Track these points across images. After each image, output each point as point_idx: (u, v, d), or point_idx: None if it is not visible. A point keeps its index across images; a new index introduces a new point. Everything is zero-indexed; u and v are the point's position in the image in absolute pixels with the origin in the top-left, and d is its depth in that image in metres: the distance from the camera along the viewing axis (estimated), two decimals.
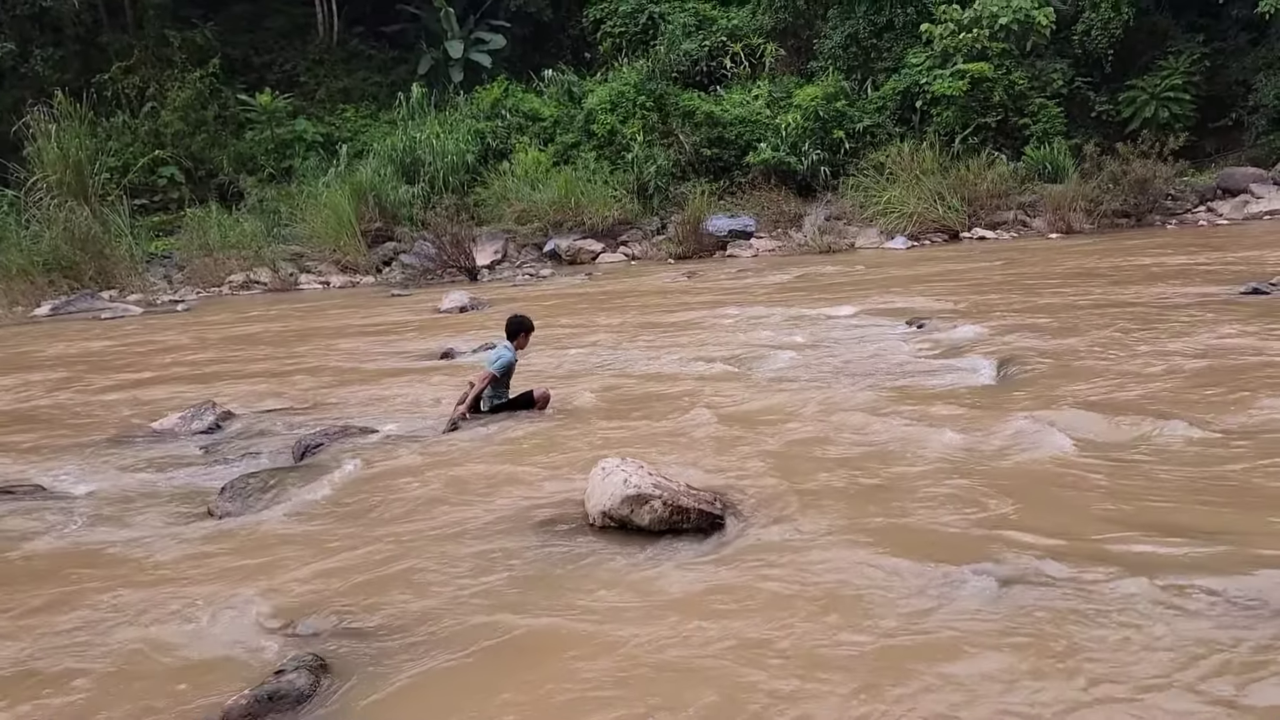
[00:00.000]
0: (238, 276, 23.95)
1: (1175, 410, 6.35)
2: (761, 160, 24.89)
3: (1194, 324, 9.47)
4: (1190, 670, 3.19)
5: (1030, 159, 23.55)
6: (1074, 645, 3.40)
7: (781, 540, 4.61)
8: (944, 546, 4.35)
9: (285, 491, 6.00)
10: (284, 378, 10.67)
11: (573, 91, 28.21)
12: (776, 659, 3.48)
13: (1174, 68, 23.89)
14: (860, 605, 3.85)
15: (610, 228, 24.66)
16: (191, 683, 3.66)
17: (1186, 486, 4.96)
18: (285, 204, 26.21)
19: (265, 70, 30.82)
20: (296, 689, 3.47)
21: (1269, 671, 3.14)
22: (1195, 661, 3.24)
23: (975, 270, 16.35)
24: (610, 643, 3.70)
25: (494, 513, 5.31)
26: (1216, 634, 3.41)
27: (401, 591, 4.33)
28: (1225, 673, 3.17)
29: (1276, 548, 4.08)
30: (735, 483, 5.45)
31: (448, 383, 9.66)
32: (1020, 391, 7.37)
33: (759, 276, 18.34)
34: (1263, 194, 22.11)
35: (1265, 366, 7.47)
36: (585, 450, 6.45)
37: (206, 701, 3.48)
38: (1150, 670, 3.21)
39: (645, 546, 4.65)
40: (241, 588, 4.48)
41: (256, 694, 3.43)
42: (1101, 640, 3.42)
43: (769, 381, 8.50)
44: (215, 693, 3.53)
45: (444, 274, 22.80)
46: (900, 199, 23.05)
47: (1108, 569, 3.98)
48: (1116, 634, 3.46)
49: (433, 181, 26.16)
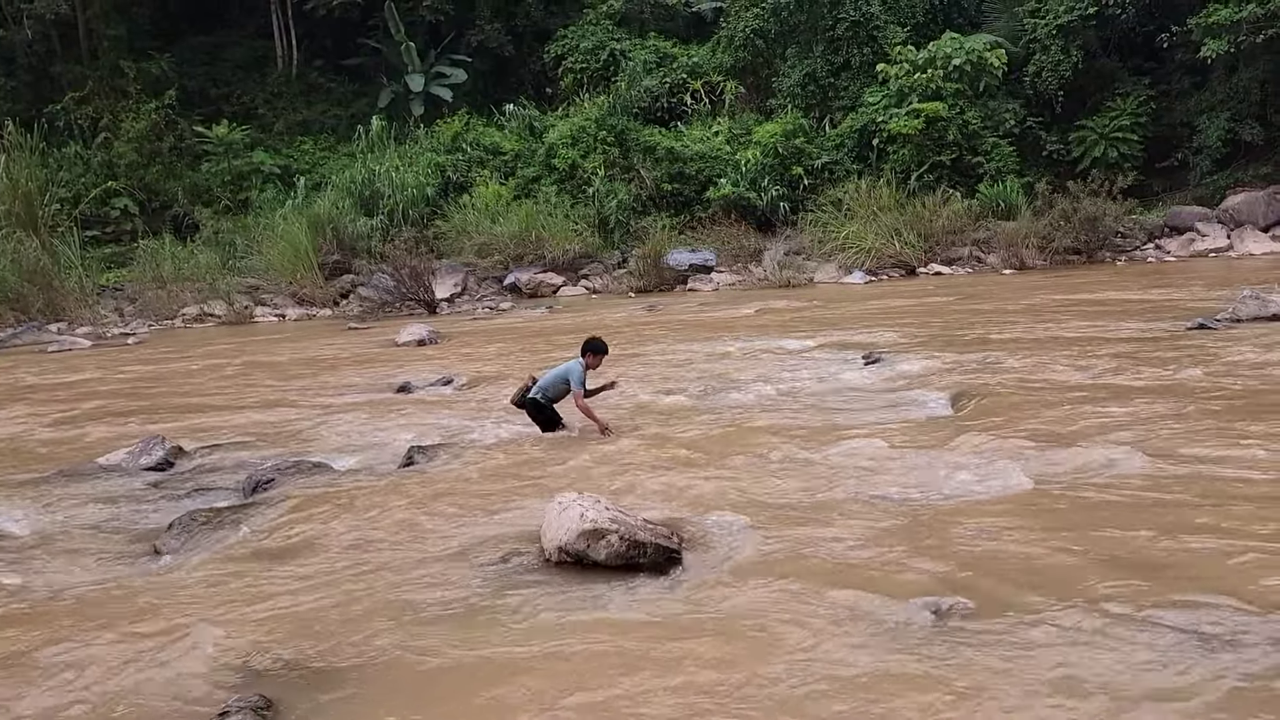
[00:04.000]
0: (191, 309, 23.63)
1: (1124, 442, 6.43)
2: (722, 195, 25.12)
3: (1143, 358, 9.64)
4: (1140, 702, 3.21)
5: (984, 196, 23.97)
6: (1027, 680, 3.40)
7: (737, 577, 4.58)
8: (896, 581, 4.36)
9: (235, 528, 5.88)
10: (236, 412, 10.50)
11: (534, 126, 28.35)
12: (729, 700, 3.44)
13: (1122, 109, 24.52)
14: (811, 642, 3.82)
15: (571, 261, 24.69)
16: None
17: (1134, 519, 5.01)
18: (241, 236, 25.97)
19: (223, 102, 30.66)
20: None
21: (1219, 703, 3.16)
22: (1145, 694, 3.26)
23: (931, 305, 16.55)
24: (563, 683, 3.64)
25: (448, 549, 5.24)
26: (1170, 665, 3.43)
27: (352, 630, 4.24)
28: (1177, 701, 3.18)
29: (1224, 580, 4.12)
30: (692, 516, 5.43)
31: (403, 416, 9.57)
32: (973, 425, 7.43)
33: (719, 310, 18.42)
34: (1208, 232, 22.66)
35: (1213, 400, 7.60)
36: (544, 484, 6.39)
37: None
38: (1098, 700, 3.22)
39: (601, 583, 4.60)
40: (188, 627, 4.36)
41: None
42: (1052, 669, 3.43)
43: (728, 414, 8.50)
44: None
45: (402, 307, 22.66)
46: (858, 235, 23.34)
47: (1056, 600, 4.00)
48: (1066, 664, 3.46)
49: (392, 214, 26.08)
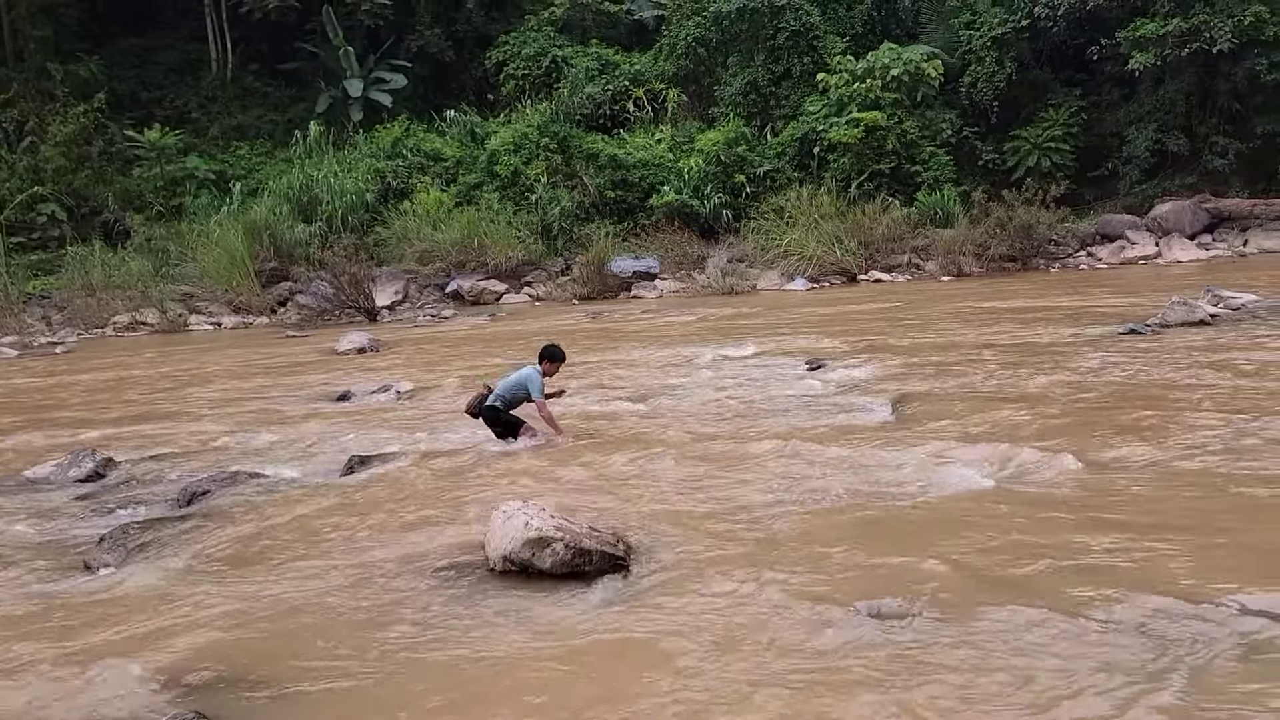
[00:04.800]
0: (123, 317, 23.05)
1: (1059, 444, 6.55)
2: (665, 203, 25.19)
3: (1076, 362, 9.85)
4: (1080, 698, 3.25)
5: (922, 205, 24.37)
6: (969, 678, 3.43)
7: (683, 582, 4.57)
8: (841, 583, 4.38)
9: (169, 541, 5.73)
10: (170, 422, 10.26)
11: (475, 132, 28.17)
12: (674, 706, 3.43)
13: (1054, 119, 25.10)
14: (758, 646, 3.82)
15: (514, 268, 24.56)
16: None
17: (1071, 517, 5.10)
18: (175, 243, 25.39)
19: (154, 106, 29.99)
20: None
21: (1157, 699, 3.21)
22: (1084, 690, 3.30)
23: (871, 311, 16.76)
24: (507, 694, 3.59)
25: (388, 559, 5.15)
26: (1112, 660, 3.48)
27: (289, 643, 4.15)
28: (1118, 696, 3.23)
29: (1159, 577, 4.21)
30: (638, 523, 5.40)
31: (344, 425, 9.42)
32: (913, 428, 7.53)
33: (663, 317, 18.46)
34: (1137, 240, 23.28)
35: (1142, 402, 7.79)
36: (488, 492, 6.33)
37: None
38: (1043, 698, 3.26)
39: (547, 591, 4.56)
40: (121, 643, 4.25)
41: None
42: (995, 669, 3.47)
43: (673, 421, 8.51)
44: None
45: (342, 315, 22.35)
46: (800, 242, 23.56)
47: (998, 600, 4.05)
48: (1008, 663, 3.50)
49: (330, 221, 25.71)
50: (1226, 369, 8.89)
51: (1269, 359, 9.21)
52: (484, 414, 7.98)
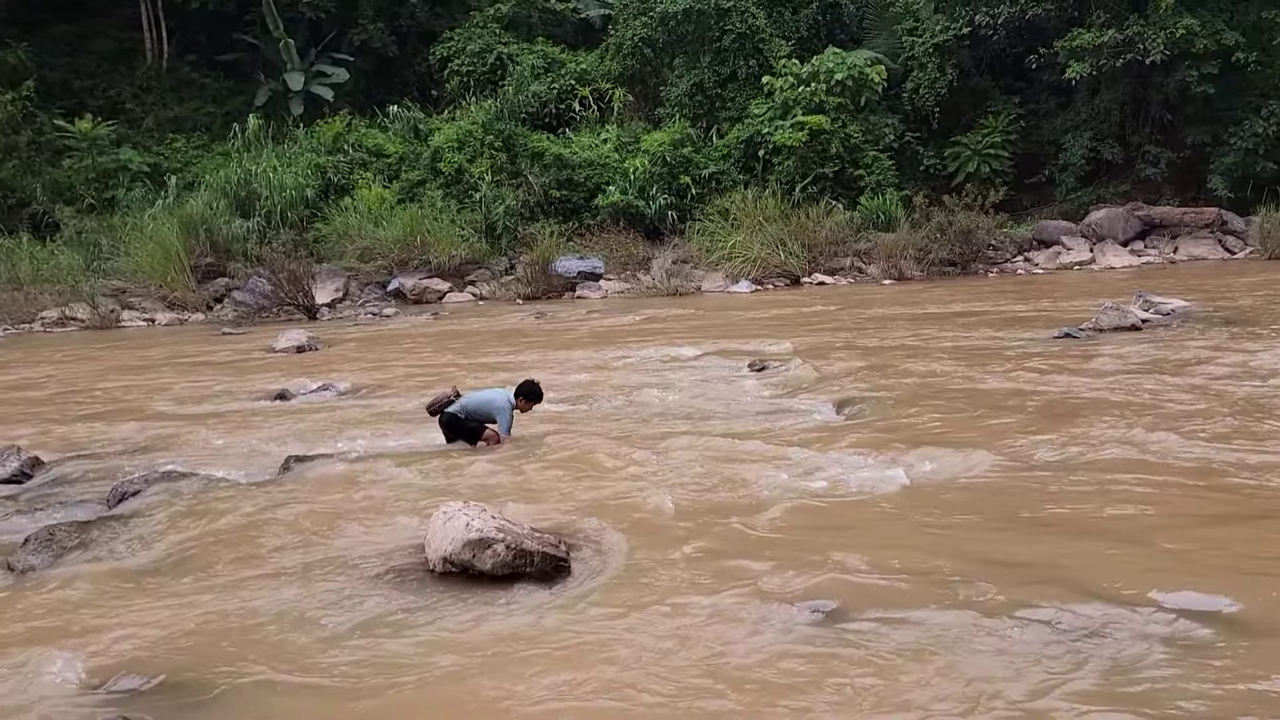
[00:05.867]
0: (52, 312, 22.38)
1: (995, 445, 6.66)
2: (610, 203, 25.15)
3: (1012, 366, 10.03)
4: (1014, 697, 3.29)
5: (865, 209, 24.65)
6: (905, 677, 3.46)
7: (624, 582, 4.56)
8: (782, 584, 4.40)
9: (97, 542, 5.58)
10: (100, 420, 9.99)
11: (418, 129, 27.84)
12: (612, 704, 3.40)
13: (993, 126, 25.56)
14: (699, 647, 3.82)
15: (457, 267, 24.32)
16: None
17: (1003, 519, 5.18)
18: (107, 236, 24.68)
19: (86, 95, 29.14)
20: None
21: (1091, 698, 3.27)
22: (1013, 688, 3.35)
23: (815, 314, 16.91)
24: (443, 696, 3.55)
25: (325, 561, 5.06)
26: (1044, 661, 3.53)
27: (221, 647, 4.05)
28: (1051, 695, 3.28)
29: (1094, 577, 4.29)
30: (580, 524, 5.38)
31: (281, 424, 9.24)
32: (856, 430, 7.60)
33: (607, 318, 18.43)
34: (1073, 246, 23.82)
35: (1072, 405, 7.96)
36: (428, 493, 6.25)
37: None
38: (977, 697, 3.30)
39: (487, 593, 4.51)
40: (48, 648, 4.13)
41: None
42: (931, 670, 3.50)
43: (616, 422, 8.49)
44: None
45: (280, 312, 21.94)
46: (744, 244, 23.68)
47: (939, 601, 4.09)
48: (944, 663, 3.54)
49: (269, 216, 25.21)
50: (1155, 373, 9.12)
51: (1195, 363, 9.46)
52: (445, 420, 7.84)
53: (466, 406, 7.80)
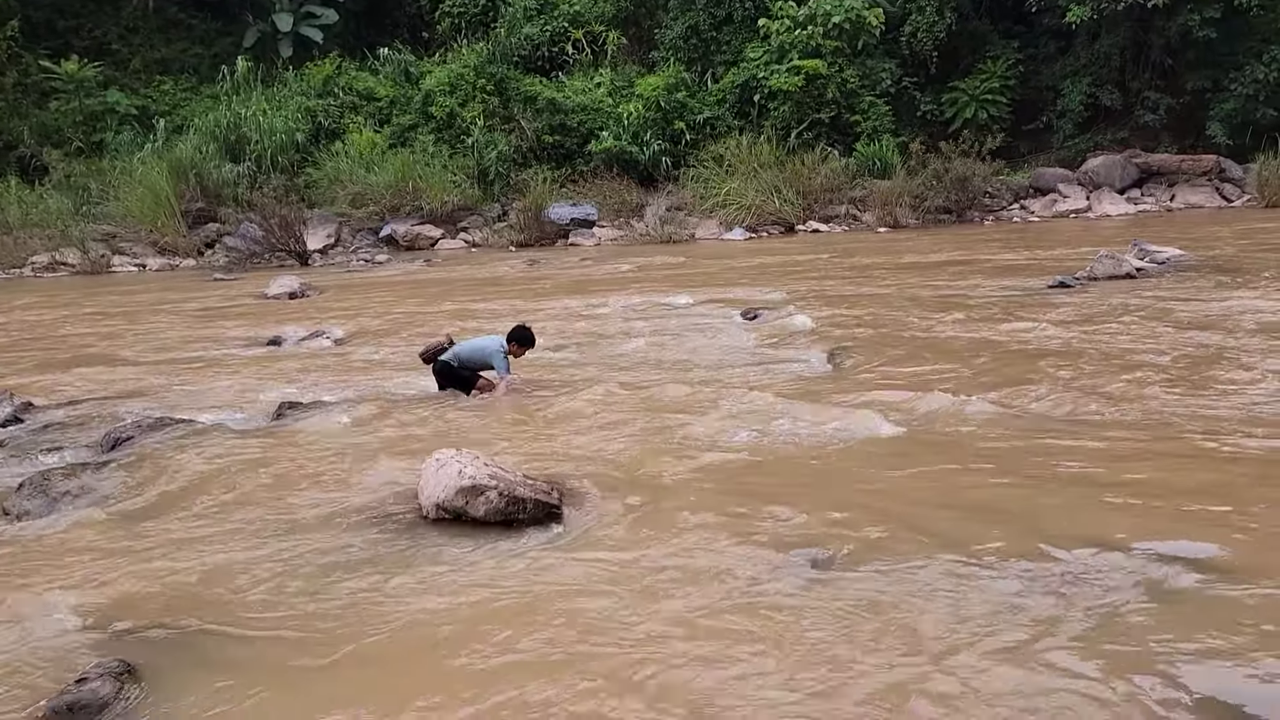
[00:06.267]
0: (42, 257, 22.24)
1: (987, 394, 6.69)
2: (603, 149, 24.91)
3: (1007, 315, 10.04)
4: (999, 641, 3.34)
5: (861, 155, 24.46)
6: (893, 623, 3.51)
7: (616, 529, 4.60)
8: (772, 532, 4.44)
9: (92, 487, 5.61)
10: (93, 366, 9.97)
11: (409, 72, 27.45)
12: (604, 649, 3.45)
13: (992, 71, 25.26)
14: (688, 595, 3.86)
15: (450, 213, 24.14)
16: None
17: (1000, 467, 5.22)
18: (96, 180, 24.43)
19: (72, 35, 28.66)
20: (99, 697, 3.24)
21: (1074, 644, 3.32)
22: (1003, 633, 3.39)
23: (809, 262, 16.85)
24: (436, 640, 3.59)
25: (321, 507, 5.09)
26: (1028, 608, 3.58)
27: (217, 592, 4.09)
28: (1037, 641, 3.33)
29: (1083, 526, 4.33)
30: (573, 471, 5.41)
31: (273, 371, 9.24)
32: (847, 379, 7.62)
33: (601, 265, 18.36)
34: (1069, 193, 23.69)
35: (1064, 353, 7.97)
36: (421, 441, 6.27)
37: (4, 714, 3.19)
38: (964, 641, 3.34)
39: (480, 539, 4.54)
40: (44, 591, 4.17)
41: (54, 705, 3.19)
42: (919, 616, 3.54)
43: (609, 370, 8.49)
44: (11, 705, 3.26)
45: (272, 258, 21.83)
46: (739, 191, 23.52)
47: (928, 548, 4.14)
48: (933, 610, 3.58)
49: (259, 161, 24.97)
50: (1148, 322, 9.13)
51: (1189, 313, 9.47)
52: (438, 368, 7.84)
53: (460, 354, 7.79)
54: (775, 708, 3.02)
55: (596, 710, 3.06)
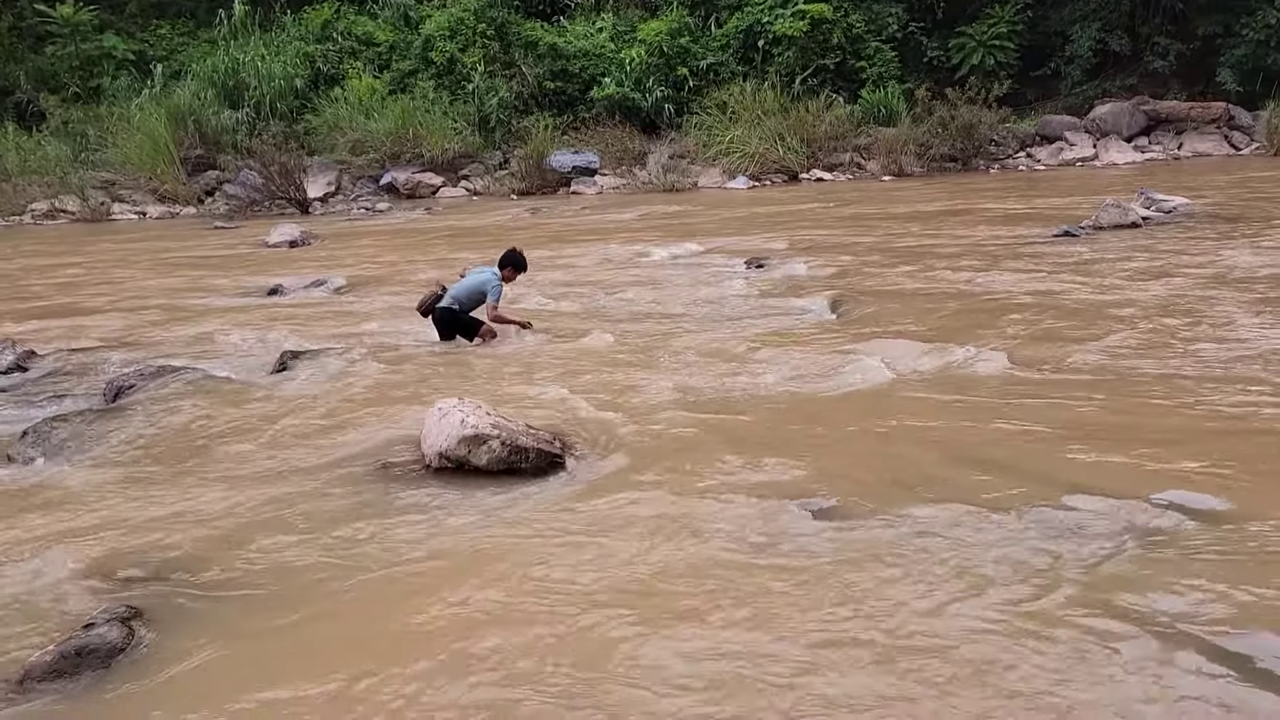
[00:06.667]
0: (41, 205, 22.13)
1: (991, 343, 6.67)
2: (605, 95, 24.63)
3: (1010, 264, 9.99)
4: (1002, 589, 3.36)
5: (866, 102, 24.17)
6: (897, 573, 3.53)
7: (618, 478, 4.61)
8: (775, 482, 4.44)
9: (96, 436, 5.61)
10: (94, 315, 9.96)
11: (409, 16, 27.05)
12: (605, 597, 3.48)
13: (1000, 16, 24.85)
14: (691, 543, 3.87)
15: (450, 161, 23.95)
16: None
17: (1001, 416, 5.22)
18: (94, 127, 24.22)
19: None
20: (107, 642, 3.26)
21: (1079, 593, 3.34)
22: (1005, 582, 3.42)
23: (813, 211, 16.74)
24: (440, 587, 3.61)
25: (324, 455, 5.11)
26: (1031, 557, 3.60)
27: (223, 539, 4.12)
28: (1039, 592, 3.35)
29: (1084, 477, 4.34)
30: (576, 422, 5.41)
31: (275, 320, 9.23)
32: (851, 328, 7.60)
33: (603, 214, 18.25)
34: (1076, 141, 23.45)
35: (1072, 304, 7.94)
36: (423, 390, 6.28)
37: (9, 659, 3.23)
38: (968, 591, 3.37)
39: (482, 487, 4.56)
40: (49, 538, 4.19)
41: (63, 649, 3.21)
42: (922, 566, 3.56)
43: (611, 320, 8.48)
44: (19, 650, 3.28)
45: (272, 206, 21.72)
46: (742, 139, 23.30)
47: (931, 497, 4.15)
48: (936, 561, 3.60)
49: (258, 107, 24.72)
50: (1154, 272, 9.08)
51: (1195, 263, 9.42)
52: (440, 315, 7.80)
53: (458, 296, 7.76)
54: (778, 656, 3.04)
55: (598, 656, 3.09)
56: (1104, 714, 2.68)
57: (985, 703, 2.76)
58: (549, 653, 3.11)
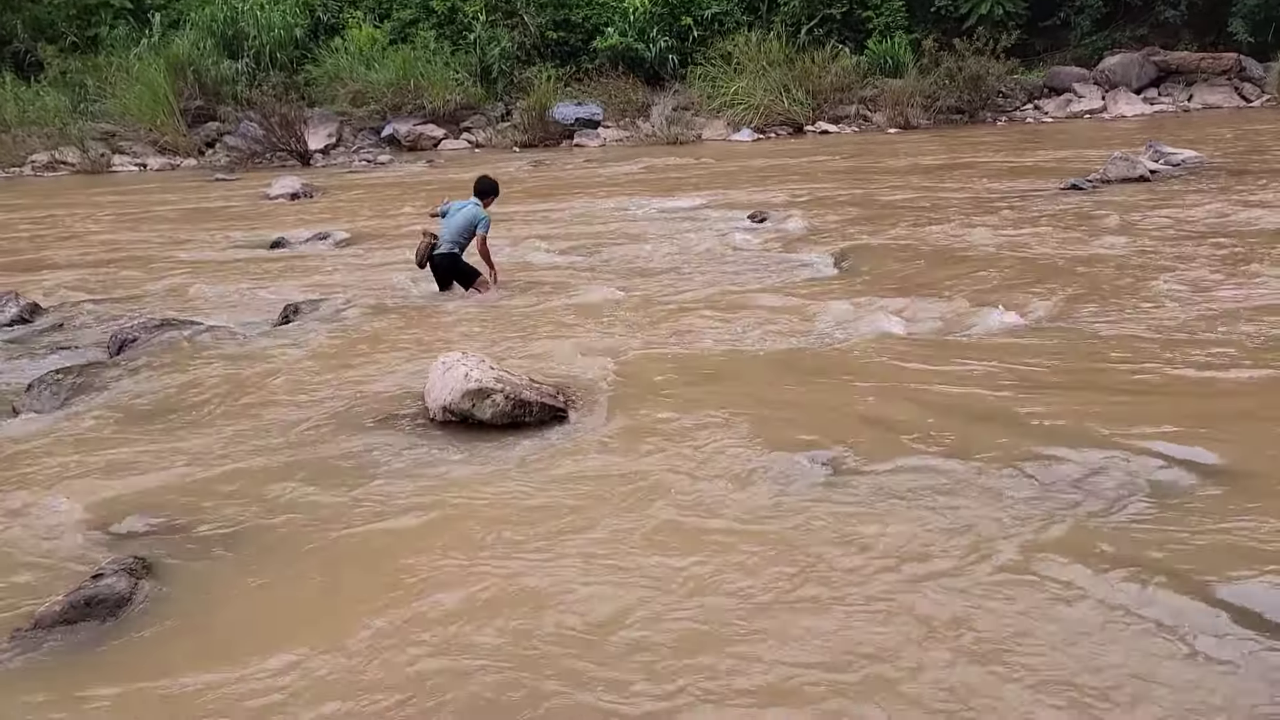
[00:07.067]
0: (41, 156, 22.00)
1: (993, 299, 6.63)
2: (609, 46, 24.32)
3: (1015, 219, 9.92)
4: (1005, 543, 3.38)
5: (873, 53, 23.86)
6: (897, 526, 3.55)
7: (622, 433, 4.62)
8: (780, 434, 4.45)
9: (100, 388, 5.64)
10: (97, 268, 9.95)
11: None
12: (613, 548, 3.50)
13: None
14: (694, 495, 3.89)
15: (452, 113, 23.73)
16: (2, 589, 3.42)
17: (1005, 371, 5.21)
18: (92, 77, 23.99)
19: None
20: (115, 593, 3.29)
21: (1078, 545, 3.36)
22: (1008, 536, 3.44)
23: (817, 164, 16.61)
24: (442, 539, 3.64)
25: (327, 409, 5.12)
26: (1033, 511, 3.61)
27: (226, 491, 4.14)
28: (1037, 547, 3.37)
29: (1089, 430, 4.34)
30: (580, 375, 5.41)
31: (277, 273, 9.22)
32: (854, 283, 7.57)
33: (606, 167, 18.12)
34: (1084, 93, 23.17)
35: (1079, 259, 7.90)
36: (426, 343, 6.28)
37: (18, 610, 3.26)
38: (969, 544, 3.39)
39: (487, 441, 4.58)
40: (55, 490, 4.22)
41: (72, 599, 3.24)
42: (925, 519, 3.59)
43: (615, 273, 8.45)
44: (29, 600, 3.32)
45: (273, 158, 21.58)
46: (747, 90, 23.04)
47: (934, 451, 4.16)
48: (938, 514, 3.62)
49: (258, 57, 24.46)
50: (1161, 227, 9.02)
51: (1203, 216, 9.35)
52: (441, 262, 7.76)
53: (454, 239, 7.73)
54: (787, 606, 3.07)
55: (606, 607, 3.12)
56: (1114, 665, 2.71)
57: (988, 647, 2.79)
58: (553, 603, 3.14)
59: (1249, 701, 2.54)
